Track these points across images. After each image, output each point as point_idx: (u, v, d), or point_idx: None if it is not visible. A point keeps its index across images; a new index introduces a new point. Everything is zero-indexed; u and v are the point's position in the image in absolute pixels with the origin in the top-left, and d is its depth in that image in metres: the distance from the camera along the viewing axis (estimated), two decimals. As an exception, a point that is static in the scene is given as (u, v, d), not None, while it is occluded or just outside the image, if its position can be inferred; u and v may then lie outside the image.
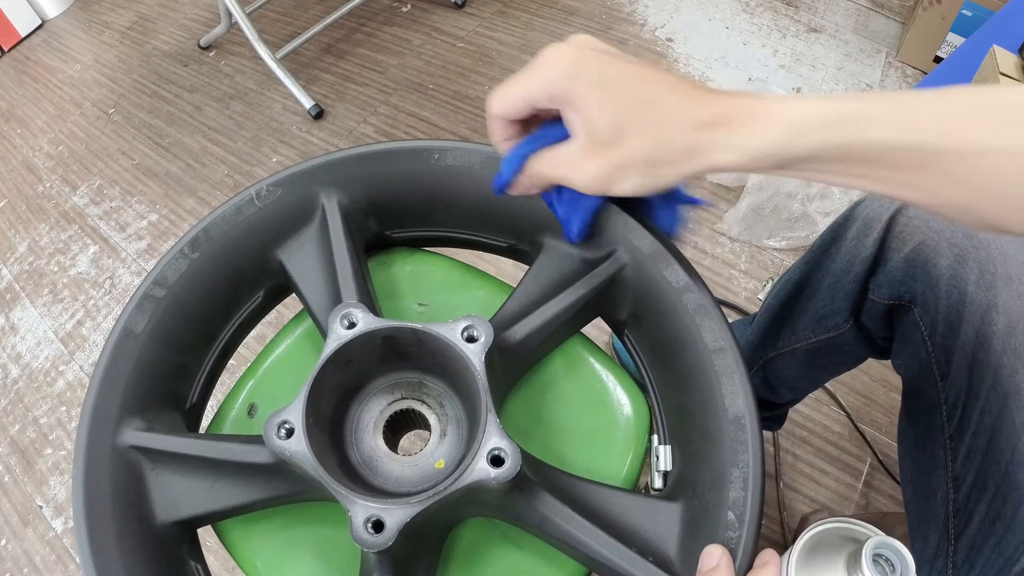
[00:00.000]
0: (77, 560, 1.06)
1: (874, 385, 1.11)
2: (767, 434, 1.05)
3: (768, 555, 0.36)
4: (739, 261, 1.27)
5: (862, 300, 0.62)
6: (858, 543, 0.33)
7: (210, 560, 0.47)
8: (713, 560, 0.36)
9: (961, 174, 0.32)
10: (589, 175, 0.40)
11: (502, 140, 0.44)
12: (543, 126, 0.43)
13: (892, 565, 0.32)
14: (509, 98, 0.41)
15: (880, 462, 1.02)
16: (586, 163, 0.39)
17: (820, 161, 0.34)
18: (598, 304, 0.49)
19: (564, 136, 0.41)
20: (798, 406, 1.08)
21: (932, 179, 0.32)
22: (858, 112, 0.33)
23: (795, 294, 0.71)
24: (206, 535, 0.48)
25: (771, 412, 0.90)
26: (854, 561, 0.32)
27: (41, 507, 1.12)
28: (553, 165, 0.41)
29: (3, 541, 1.09)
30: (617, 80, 0.37)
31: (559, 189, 0.45)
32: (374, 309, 0.49)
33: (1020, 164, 0.31)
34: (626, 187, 0.39)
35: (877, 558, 0.32)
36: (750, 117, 0.35)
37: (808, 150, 0.34)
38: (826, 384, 1.09)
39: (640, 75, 0.37)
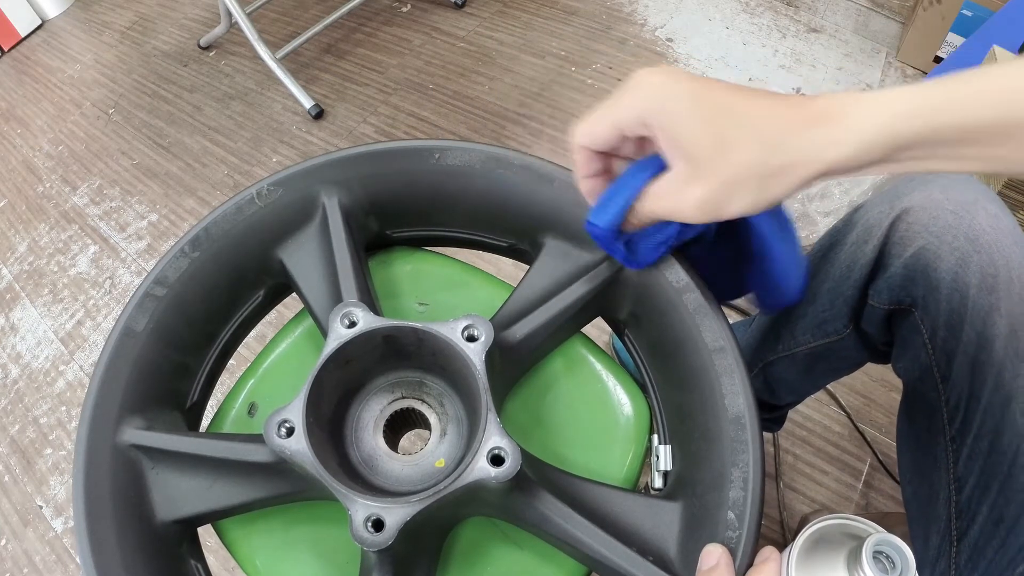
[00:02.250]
0: (77, 560, 1.06)
1: (874, 385, 1.11)
2: (767, 434, 1.05)
3: (768, 552, 0.36)
4: (739, 261, 1.27)
5: (861, 306, 0.62)
6: (859, 540, 0.33)
7: (210, 560, 0.47)
8: (712, 559, 0.36)
9: None
10: (697, 201, 0.36)
11: (586, 176, 0.41)
12: (636, 164, 0.40)
13: (892, 562, 0.32)
14: (597, 126, 0.38)
15: (880, 462, 1.02)
16: (691, 189, 0.36)
17: (928, 145, 0.33)
18: (598, 304, 0.49)
19: (660, 169, 0.38)
20: (798, 406, 1.08)
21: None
22: (951, 93, 0.33)
23: None
24: (206, 535, 0.48)
25: (771, 414, 0.90)
26: (854, 558, 0.32)
27: (41, 507, 1.12)
28: (656, 200, 0.38)
29: (3, 541, 1.09)
30: (708, 95, 0.35)
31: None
32: (374, 308, 0.49)
33: None
34: (738, 208, 0.36)
35: (877, 555, 0.32)
36: (851, 110, 0.34)
37: (917, 135, 0.33)
38: (827, 384, 1.09)
39: (729, 89, 0.36)
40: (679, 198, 0.37)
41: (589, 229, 0.42)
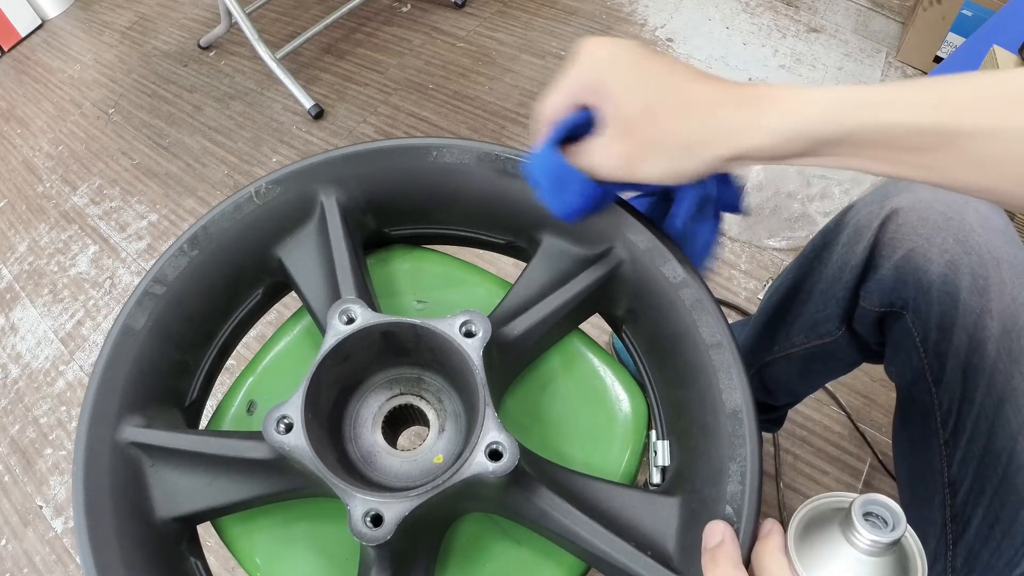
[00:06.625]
0: (77, 560, 1.06)
1: (874, 385, 1.11)
2: (767, 435, 1.05)
3: (770, 524, 0.35)
4: (739, 261, 1.27)
5: (853, 307, 0.62)
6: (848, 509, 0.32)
7: (210, 560, 0.47)
8: (717, 536, 0.36)
9: (977, 155, 0.32)
10: (614, 157, 0.39)
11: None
12: (567, 117, 0.42)
13: (885, 520, 0.31)
14: (556, 99, 0.42)
15: (880, 462, 1.02)
16: (613, 146, 0.39)
17: (848, 144, 0.34)
18: (595, 300, 0.49)
19: (588, 122, 0.41)
20: (798, 406, 1.08)
21: (951, 160, 0.33)
22: (884, 95, 0.33)
23: (789, 299, 0.70)
24: (206, 536, 0.48)
25: (769, 415, 0.90)
26: (847, 524, 0.31)
27: (41, 507, 1.12)
28: (583, 155, 0.41)
29: (3, 541, 1.10)
30: (647, 66, 0.38)
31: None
32: (373, 305, 0.49)
33: None
34: (652, 171, 0.39)
35: (868, 515, 0.31)
36: (779, 99, 0.35)
37: (839, 131, 0.34)
38: (826, 384, 1.09)
39: (670, 64, 0.38)
40: (602, 153, 0.40)
41: (525, 171, 0.45)
